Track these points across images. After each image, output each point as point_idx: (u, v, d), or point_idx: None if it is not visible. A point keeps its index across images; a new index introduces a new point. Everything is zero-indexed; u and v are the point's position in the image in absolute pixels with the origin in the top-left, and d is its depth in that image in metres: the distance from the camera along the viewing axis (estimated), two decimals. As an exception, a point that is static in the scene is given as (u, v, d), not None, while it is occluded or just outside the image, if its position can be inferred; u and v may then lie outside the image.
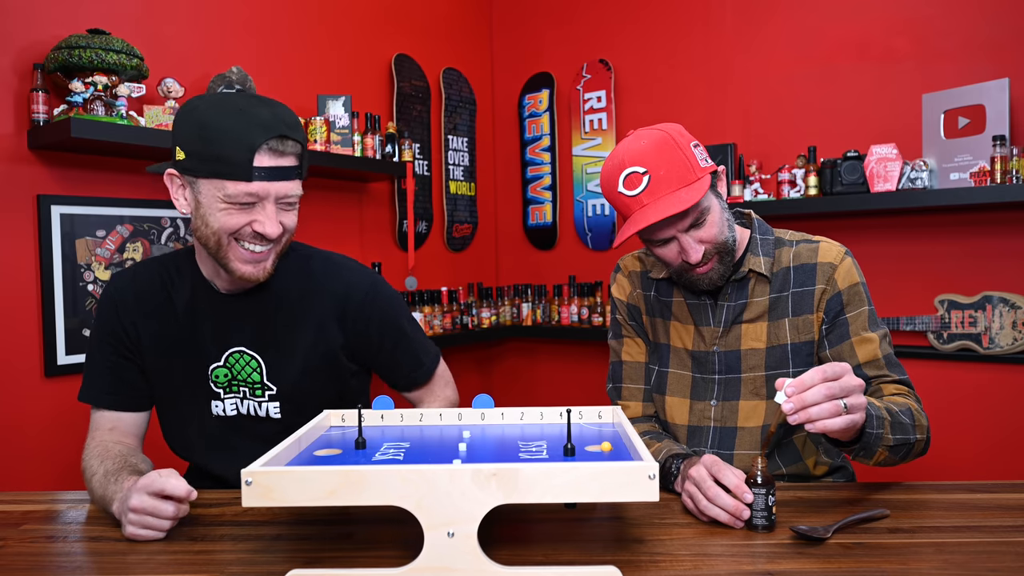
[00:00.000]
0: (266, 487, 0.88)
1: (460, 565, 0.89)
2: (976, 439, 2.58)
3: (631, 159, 1.29)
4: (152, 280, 1.43)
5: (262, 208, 1.25)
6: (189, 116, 1.25)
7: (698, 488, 1.14)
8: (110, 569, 1.02)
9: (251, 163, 1.21)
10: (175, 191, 1.30)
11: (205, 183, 1.24)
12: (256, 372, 1.40)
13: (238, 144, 1.20)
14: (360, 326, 1.44)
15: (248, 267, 1.30)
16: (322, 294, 1.42)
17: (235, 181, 1.21)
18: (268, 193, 1.24)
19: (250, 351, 1.40)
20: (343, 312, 1.42)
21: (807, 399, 1.05)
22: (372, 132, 2.95)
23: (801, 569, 0.96)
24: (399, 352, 1.50)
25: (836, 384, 1.07)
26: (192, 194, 1.27)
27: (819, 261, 1.39)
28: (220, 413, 1.43)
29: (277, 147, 1.22)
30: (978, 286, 2.57)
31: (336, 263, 1.47)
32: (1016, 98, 2.45)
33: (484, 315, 3.44)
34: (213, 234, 1.26)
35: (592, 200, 3.54)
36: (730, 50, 3.11)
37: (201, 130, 1.22)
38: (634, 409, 1.52)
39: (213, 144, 1.20)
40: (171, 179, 1.30)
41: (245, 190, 1.22)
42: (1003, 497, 1.23)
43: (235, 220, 1.25)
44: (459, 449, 1.04)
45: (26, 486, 2.11)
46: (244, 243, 1.28)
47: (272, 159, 1.23)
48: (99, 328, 1.43)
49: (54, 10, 2.18)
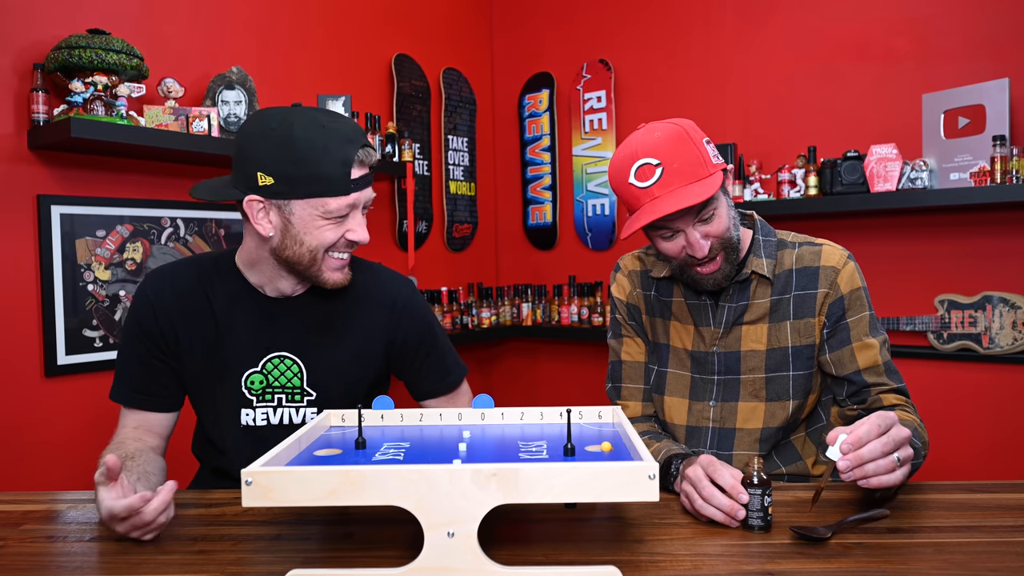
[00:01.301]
0: (266, 487, 0.88)
1: (460, 565, 0.89)
2: (976, 439, 2.58)
3: (644, 151, 1.27)
4: (190, 281, 1.41)
5: (353, 217, 1.31)
6: (268, 139, 1.25)
7: (694, 488, 1.14)
8: (110, 569, 1.02)
9: (349, 177, 1.26)
10: (257, 216, 1.29)
11: (300, 203, 1.27)
12: (296, 377, 1.41)
13: (335, 161, 1.24)
14: (401, 333, 1.47)
15: (338, 274, 1.35)
16: (369, 302, 1.46)
17: (336, 197, 1.26)
18: (360, 201, 1.31)
19: (292, 355, 1.40)
20: (388, 320, 1.46)
21: (864, 456, 1.04)
22: (372, 132, 2.95)
23: (801, 569, 0.96)
24: (432, 359, 1.52)
25: (889, 438, 1.05)
26: (280, 216, 1.29)
27: (822, 265, 1.39)
28: (249, 423, 1.41)
29: (364, 157, 1.29)
30: (978, 286, 2.57)
31: (376, 270, 1.51)
32: (1016, 98, 2.45)
33: (484, 315, 3.44)
34: (309, 251, 1.30)
35: (592, 200, 3.54)
36: (730, 50, 3.11)
37: (291, 152, 1.23)
38: (633, 409, 1.52)
39: (309, 164, 1.24)
40: (251, 205, 1.29)
41: (346, 203, 1.27)
42: (1003, 497, 1.23)
43: (333, 234, 1.30)
44: (459, 449, 1.04)
45: (26, 486, 2.11)
46: (334, 253, 1.33)
47: (359, 169, 1.29)
48: (133, 327, 1.41)
49: (54, 10, 2.18)
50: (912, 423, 1.26)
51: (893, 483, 1.07)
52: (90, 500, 1.32)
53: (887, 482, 1.06)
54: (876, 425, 1.05)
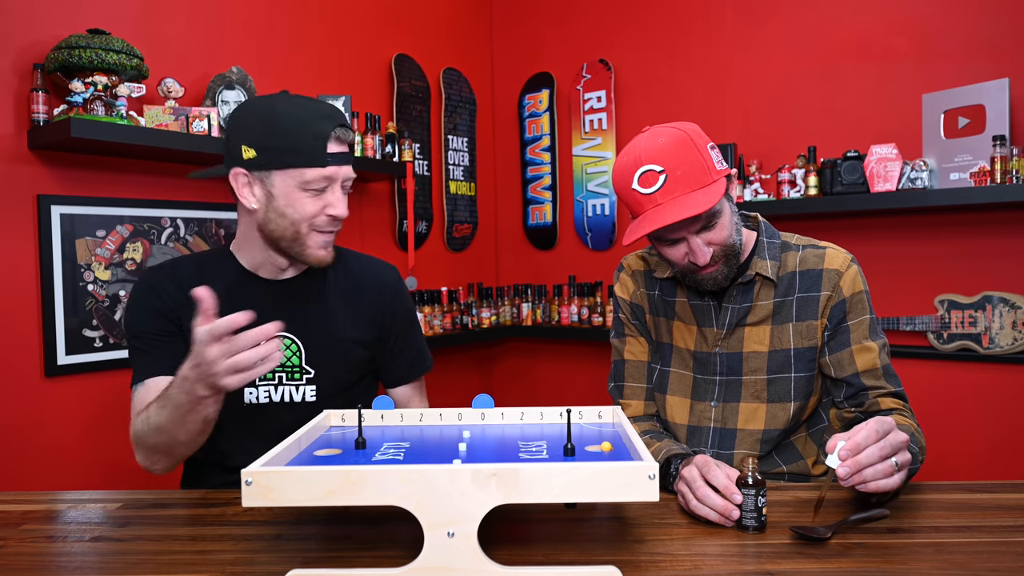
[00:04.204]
0: (266, 487, 0.88)
1: (460, 565, 0.89)
2: (976, 439, 2.58)
3: (648, 156, 1.27)
4: (190, 270, 1.46)
5: (332, 192, 1.37)
6: (252, 115, 1.35)
7: (689, 488, 1.15)
8: (110, 569, 1.02)
9: (325, 149, 1.32)
10: (242, 189, 1.37)
11: (280, 175, 1.33)
12: (296, 356, 1.45)
13: (311, 133, 1.31)
14: (390, 316, 1.56)
15: (323, 252, 1.41)
16: (362, 284, 1.54)
17: (312, 168, 1.32)
18: (338, 176, 1.36)
19: (291, 335, 1.45)
20: (379, 301, 1.54)
21: (862, 461, 1.04)
22: (372, 132, 2.95)
23: (801, 569, 0.96)
24: (410, 344, 1.61)
25: (887, 443, 1.06)
26: (263, 189, 1.36)
27: (825, 267, 1.39)
28: (252, 400, 1.45)
29: (341, 135, 1.36)
30: (978, 286, 2.57)
31: (364, 258, 1.60)
32: (1016, 98, 2.45)
33: (484, 315, 3.44)
34: (291, 224, 1.36)
35: (592, 200, 3.54)
36: (730, 50, 3.11)
37: (272, 125, 1.32)
38: (635, 408, 1.52)
39: (287, 136, 1.31)
40: (237, 178, 1.36)
41: (321, 174, 1.33)
42: (1003, 497, 1.23)
43: (312, 207, 1.35)
44: (459, 449, 1.04)
45: (26, 486, 2.11)
46: (318, 230, 1.38)
47: (337, 145, 1.35)
48: (137, 313, 1.43)
49: (54, 10, 2.18)
50: (909, 427, 1.26)
51: (891, 487, 1.07)
52: (90, 500, 1.33)
53: (885, 486, 1.06)
54: (874, 430, 1.06)
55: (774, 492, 1.26)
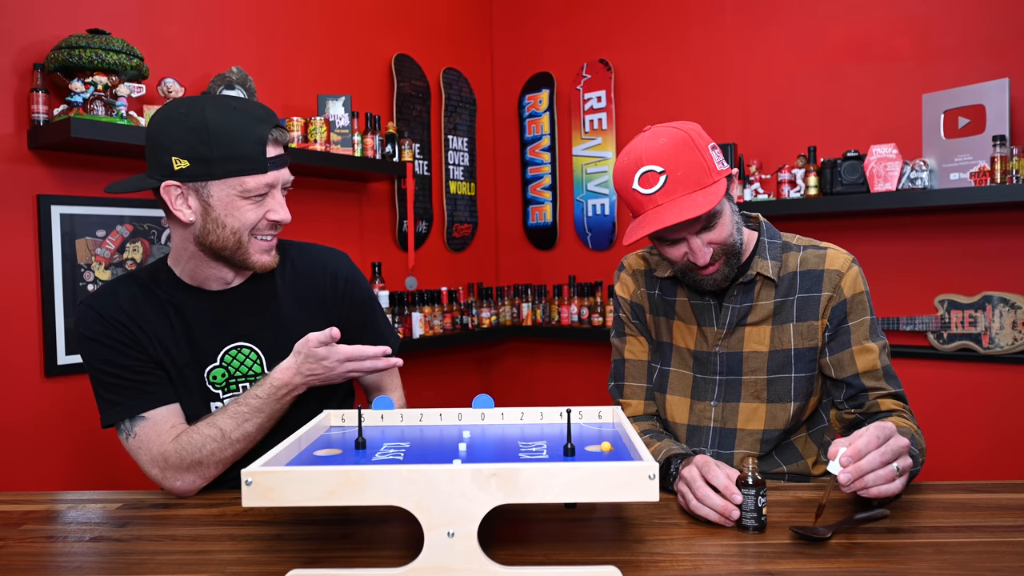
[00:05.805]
0: (266, 487, 0.88)
1: (460, 565, 0.89)
2: (976, 439, 2.58)
3: (649, 157, 1.27)
4: (133, 292, 1.38)
5: (273, 197, 1.33)
6: (179, 123, 1.26)
7: (689, 488, 1.15)
8: (110, 569, 1.02)
9: (264, 155, 1.28)
10: (175, 202, 1.29)
11: (218, 185, 1.28)
12: (256, 364, 1.42)
13: (249, 140, 1.26)
14: (347, 307, 1.51)
15: (266, 257, 1.36)
16: (312, 280, 1.49)
17: (254, 175, 1.27)
18: (278, 181, 1.32)
19: (249, 344, 1.41)
20: (333, 295, 1.49)
21: (864, 467, 1.04)
22: (372, 132, 2.95)
23: (801, 569, 0.96)
24: (373, 329, 1.56)
25: (888, 448, 1.06)
26: (199, 200, 1.29)
27: (826, 268, 1.39)
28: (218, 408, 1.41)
29: (279, 136, 1.31)
30: (978, 286, 2.57)
31: (310, 248, 1.54)
32: (1016, 98, 2.45)
33: (484, 315, 3.44)
34: (233, 233, 1.31)
35: (592, 200, 3.54)
36: (730, 50, 3.11)
37: (204, 134, 1.25)
38: (635, 407, 1.52)
39: (222, 144, 1.25)
40: (168, 191, 1.28)
41: (263, 181, 1.29)
42: (1003, 497, 1.23)
43: (254, 214, 1.31)
44: (459, 449, 1.04)
45: (26, 486, 2.11)
46: (260, 235, 1.34)
47: (274, 148, 1.31)
48: (95, 344, 1.33)
49: (54, 10, 2.18)
50: (909, 430, 1.26)
51: (892, 492, 1.07)
52: (90, 500, 1.33)
53: (887, 492, 1.06)
54: (875, 436, 1.06)
55: (774, 492, 1.26)
